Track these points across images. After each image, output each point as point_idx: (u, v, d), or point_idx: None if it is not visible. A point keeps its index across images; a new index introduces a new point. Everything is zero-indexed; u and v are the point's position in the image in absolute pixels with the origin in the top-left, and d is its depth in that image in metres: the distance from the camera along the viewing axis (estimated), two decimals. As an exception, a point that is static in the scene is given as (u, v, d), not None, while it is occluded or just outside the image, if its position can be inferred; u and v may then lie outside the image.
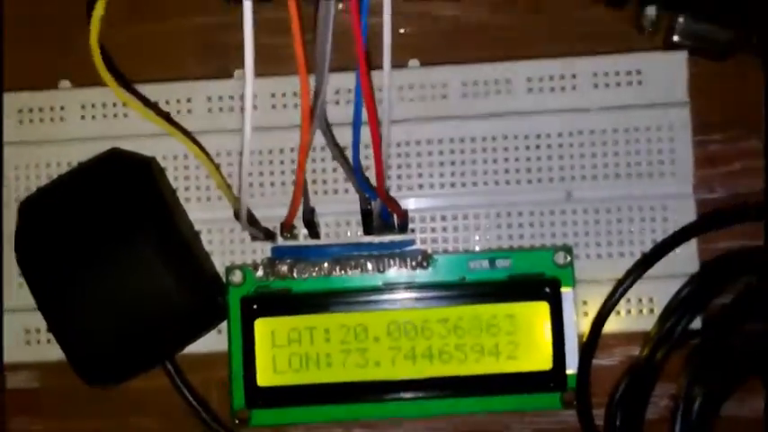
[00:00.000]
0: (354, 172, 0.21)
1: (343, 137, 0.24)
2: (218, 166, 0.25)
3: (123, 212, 0.23)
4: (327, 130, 0.22)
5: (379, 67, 0.20)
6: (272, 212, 0.25)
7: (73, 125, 0.26)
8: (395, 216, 0.24)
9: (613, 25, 0.26)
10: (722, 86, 0.26)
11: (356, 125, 0.20)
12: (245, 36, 0.18)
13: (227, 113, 0.26)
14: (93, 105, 0.26)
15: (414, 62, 0.26)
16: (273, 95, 0.25)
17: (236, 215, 0.23)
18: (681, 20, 0.25)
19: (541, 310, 0.23)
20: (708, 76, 0.26)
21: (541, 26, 0.26)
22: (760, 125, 0.26)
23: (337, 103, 0.25)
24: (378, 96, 0.21)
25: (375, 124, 0.20)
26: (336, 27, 0.20)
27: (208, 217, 0.25)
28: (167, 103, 0.26)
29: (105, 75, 0.21)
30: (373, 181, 0.22)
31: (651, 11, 0.25)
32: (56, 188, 0.25)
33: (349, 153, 0.23)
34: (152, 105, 0.25)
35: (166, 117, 0.25)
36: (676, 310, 0.25)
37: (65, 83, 0.26)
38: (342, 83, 0.25)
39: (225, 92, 0.26)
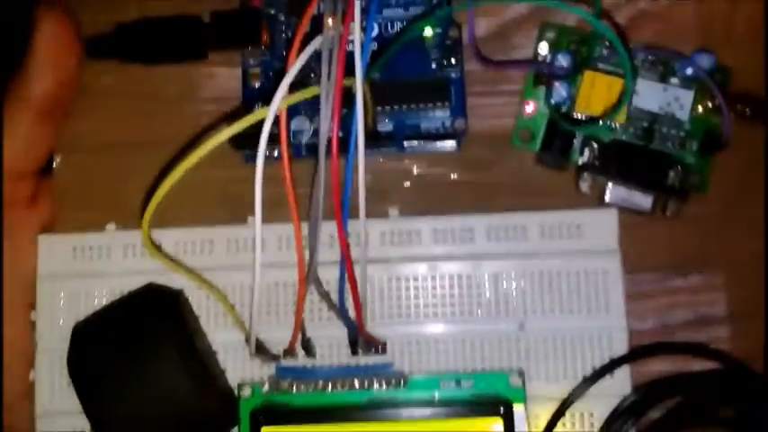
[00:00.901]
0: (340, 313, 0.27)
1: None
2: (232, 303, 0.30)
3: (155, 336, 0.28)
4: (318, 284, 0.27)
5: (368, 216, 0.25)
6: (277, 335, 0.30)
7: (116, 262, 0.31)
8: (375, 343, 0.29)
9: (557, 185, 0.31)
10: (651, 234, 0.31)
11: (341, 277, 0.26)
12: (256, 191, 0.24)
13: (243, 252, 0.31)
14: (133, 246, 0.31)
15: (393, 211, 0.31)
16: (280, 239, 0.31)
17: (247, 340, 0.28)
18: (610, 185, 0.30)
19: (496, 424, 0.28)
20: (639, 225, 0.31)
21: (499, 184, 0.32)
22: (681, 266, 0.31)
23: (331, 246, 0.30)
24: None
25: (354, 279, 0.25)
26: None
27: (224, 339, 0.30)
28: (193, 243, 0.31)
29: (148, 244, 0.26)
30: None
31: (586, 177, 0.31)
32: (102, 315, 0.30)
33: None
34: (181, 250, 0.31)
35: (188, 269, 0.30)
36: (614, 422, 0.29)
37: (111, 226, 0.32)
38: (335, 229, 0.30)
39: (240, 235, 0.31)
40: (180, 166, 0.23)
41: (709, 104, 0.30)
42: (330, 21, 0.24)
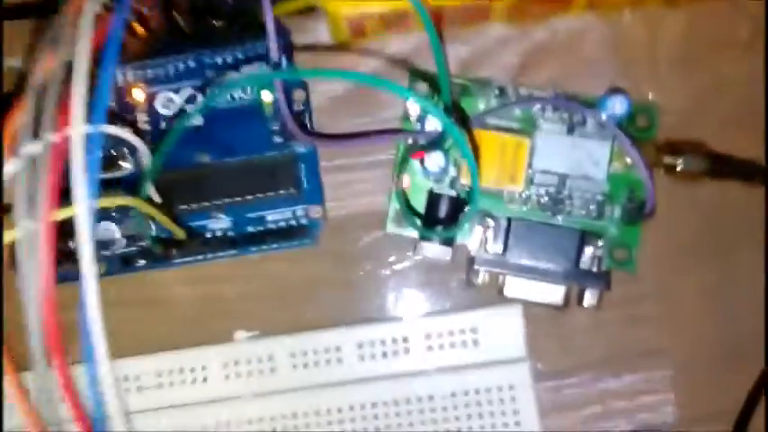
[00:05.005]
0: None
1: None
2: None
3: None
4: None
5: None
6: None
7: None
8: None
9: (445, 278, 0.24)
10: (569, 327, 0.25)
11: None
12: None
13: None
14: None
15: (240, 334, 0.25)
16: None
17: None
18: (509, 277, 0.24)
19: None
20: (553, 317, 0.24)
21: (368, 283, 0.25)
22: (613, 364, 0.25)
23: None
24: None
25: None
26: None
27: None
28: None
29: None
30: None
31: (479, 269, 0.24)
32: None
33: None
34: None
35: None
36: None
37: None
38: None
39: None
40: None
41: (629, 160, 0.24)
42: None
